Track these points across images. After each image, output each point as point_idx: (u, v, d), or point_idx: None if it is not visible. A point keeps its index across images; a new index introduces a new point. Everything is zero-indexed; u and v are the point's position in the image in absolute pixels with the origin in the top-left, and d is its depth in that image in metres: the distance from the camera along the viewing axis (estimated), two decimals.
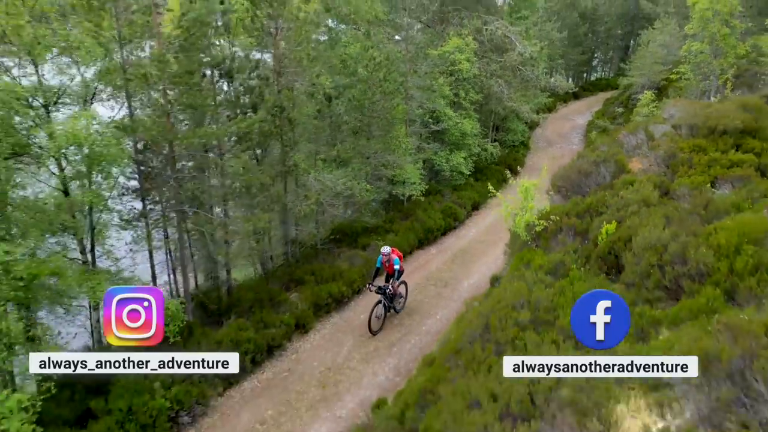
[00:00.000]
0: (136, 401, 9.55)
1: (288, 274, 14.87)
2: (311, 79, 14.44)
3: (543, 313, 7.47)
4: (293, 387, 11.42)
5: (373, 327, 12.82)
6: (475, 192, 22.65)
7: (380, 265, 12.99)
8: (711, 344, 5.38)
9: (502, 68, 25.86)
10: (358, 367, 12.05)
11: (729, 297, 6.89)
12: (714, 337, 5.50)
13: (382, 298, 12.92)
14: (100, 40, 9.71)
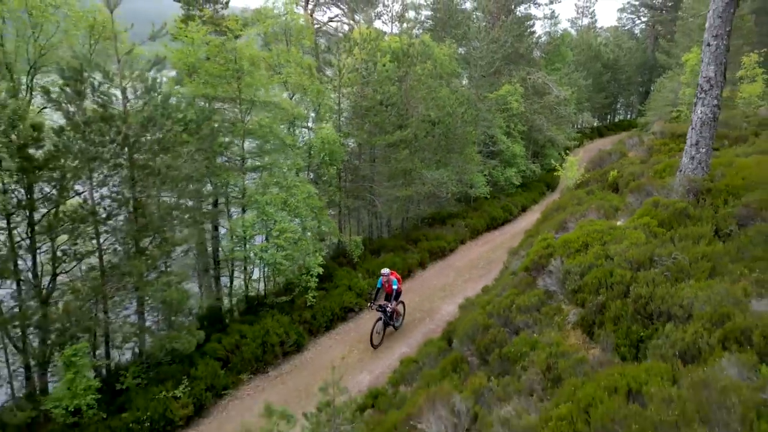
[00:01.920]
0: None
1: (406, 235, 22.56)
2: (423, 111, 22.46)
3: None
4: (423, 293, 18.80)
5: (374, 341, 14.22)
6: (523, 198, 30.27)
7: (381, 285, 14.29)
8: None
9: (542, 107, 33.77)
10: (462, 285, 19.44)
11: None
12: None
13: (382, 316, 14.30)
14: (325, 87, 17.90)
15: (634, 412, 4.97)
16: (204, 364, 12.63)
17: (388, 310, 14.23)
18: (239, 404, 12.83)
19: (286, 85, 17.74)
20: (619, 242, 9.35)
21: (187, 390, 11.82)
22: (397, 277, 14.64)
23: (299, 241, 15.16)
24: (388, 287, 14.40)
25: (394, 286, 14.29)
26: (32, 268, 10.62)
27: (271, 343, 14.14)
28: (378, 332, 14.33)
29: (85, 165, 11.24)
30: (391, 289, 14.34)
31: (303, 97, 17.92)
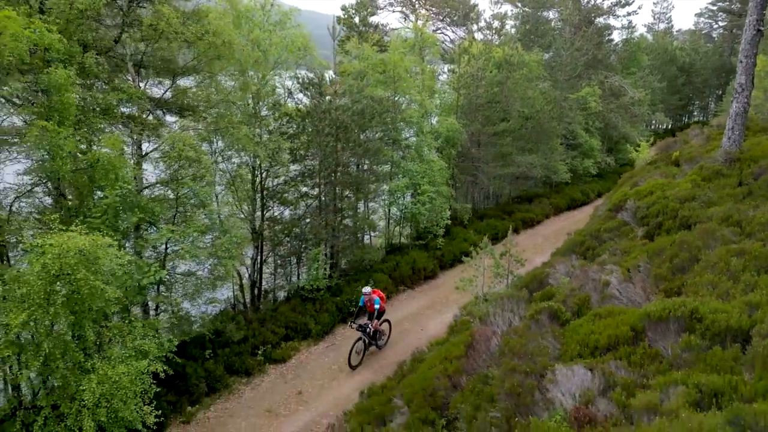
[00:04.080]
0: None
1: (501, 208, 28.13)
2: (519, 107, 27.92)
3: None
4: (519, 250, 24.26)
5: (353, 362, 14.04)
6: (599, 186, 35.02)
7: (363, 304, 14.29)
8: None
9: (617, 107, 38.23)
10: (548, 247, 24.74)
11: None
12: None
13: (362, 336, 14.25)
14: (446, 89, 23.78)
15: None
16: (380, 275, 18.83)
17: (368, 330, 14.12)
18: (398, 303, 18.96)
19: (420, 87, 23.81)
20: (673, 189, 14.59)
21: (373, 287, 18.01)
22: (380, 295, 14.43)
23: (434, 200, 21.13)
24: (369, 306, 14.24)
25: (375, 305, 14.06)
26: (296, 202, 17.29)
27: (417, 268, 20.20)
28: (357, 352, 14.23)
29: (314, 138, 17.70)
30: (373, 308, 14.17)
31: (430, 96, 23.91)
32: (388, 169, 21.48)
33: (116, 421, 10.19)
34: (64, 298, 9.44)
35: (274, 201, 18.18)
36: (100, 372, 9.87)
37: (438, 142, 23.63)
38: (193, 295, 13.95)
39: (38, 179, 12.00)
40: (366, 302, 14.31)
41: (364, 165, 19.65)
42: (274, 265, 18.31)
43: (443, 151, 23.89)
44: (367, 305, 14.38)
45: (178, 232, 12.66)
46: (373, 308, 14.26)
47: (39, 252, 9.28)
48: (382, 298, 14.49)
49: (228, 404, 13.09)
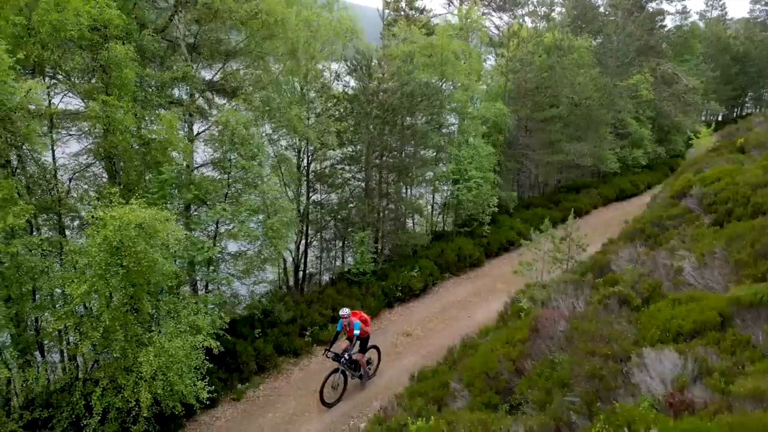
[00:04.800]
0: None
1: (548, 197, 27.37)
2: (568, 93, 27.02)
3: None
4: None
5: (327, 398, 11.57)
6: (649, 177, 33.75)
7: (340, 329, 11.92)
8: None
9: (669, 95, 36.65)
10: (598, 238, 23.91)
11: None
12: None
13: (339, 366, 11.75)
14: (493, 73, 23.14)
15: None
16: (425, 261, 18.53)
17: (343, 360, 11.62)
18: (444, 290, 18.64)
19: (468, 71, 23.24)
20: (743, 175, 13.75)
21: (419, 273, 17.75)
22: (362, 318, 11.99)
23: (480, 186, 20.64)
24: (349, 331, 11.86)
25: (355, 330, 11.60)
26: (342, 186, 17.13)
27: (462, 255, 19.80)
28: (334, 387, 11.78)
29: (361, 121, 17.45)
30: (353, 333, 11.71)
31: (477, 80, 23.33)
32: (434, 155, 21.09)
33: (171, 395, 10.26)
34: (124, 271, 9.51)
35: (320, 185, 18.08)
36: (156, 345, 9.93)
37: (485, 128, 23.07)
38: (242, 275, 13.97)
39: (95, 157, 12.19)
40: (344, 326, 11.88)
41: (410, 149, 19.32)
42: (319, 249, 18.24)
43: (490, 137, 23.30)
44: (346, 329, 11.93)
45: (230, 211, 12.65)
46: (353, 333, 11.69)
47: (100, 224, 9.36)
48: (365, 322, 12.02)
49: (277, 383, 13.07)
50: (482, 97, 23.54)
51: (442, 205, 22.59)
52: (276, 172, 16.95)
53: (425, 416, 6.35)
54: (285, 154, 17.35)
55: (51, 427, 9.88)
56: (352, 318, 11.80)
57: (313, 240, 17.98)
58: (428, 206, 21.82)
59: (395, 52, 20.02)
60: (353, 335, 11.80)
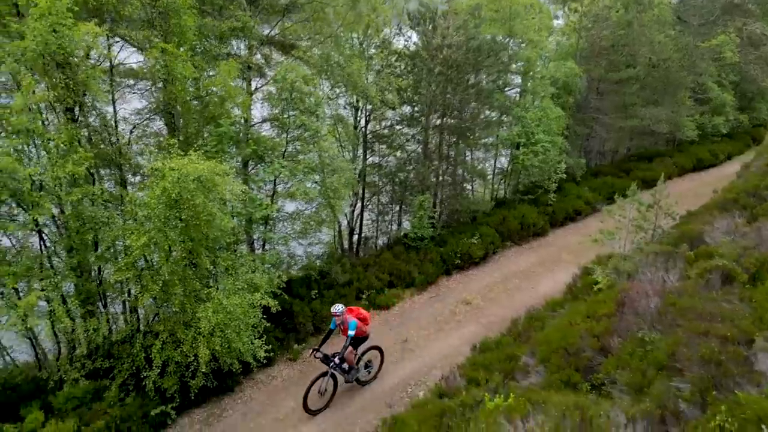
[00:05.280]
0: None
1: (617, 165, 25.63)
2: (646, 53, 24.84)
3: None
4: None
5: (311, 405, 10.13)
6: (729, 146, 31.10)
7: (334, 327, 10.36)
8: None
9: (757, 58, 33.30)
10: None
11: None
12: None
13: (329, 370, 10.23)
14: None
15: None
16: (486, 228, 17.65)
17: (333, 363, 10.16)
18: (505, 259, 17.74)
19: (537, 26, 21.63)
20: None
21: (479, 241, 16.93)
22: (361, 315, 10.47)
23: (548, 151, 19.35)
24: (344, 330, 10.19)
25: (350, 330, 9.94)
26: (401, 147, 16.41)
27: (526, 224, 18.76)
28: (321, 392, 10.27)
29: (424, 78, 16.48)
30: (347, 333, 10.05)
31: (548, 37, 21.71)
32: (498, 116, 19.89)
33: (229, 352, 10.09)
34: (183, 224, 9.23)
35: (378, 146, 17.39)
36: (215, 301, 9.71)
37: (554, 89, 21.55)
38: (299, 235, 13.64)
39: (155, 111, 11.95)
40: (338, 325, 10.26)
41: (473, 110, 18.22)
42: (375, 212, 17.69)
43: (559, 98, 21.76)
44: (340, 328, 10.30)
45: (288, 167, 12.19)
46: (347, 333, 10.02)
47: (159, 176, 9.07)
48: (363, 320, 10.42)
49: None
50: (552, 56, 21.94)
51: (504, 171, 21.46)
52: (333, 133, 16.38)
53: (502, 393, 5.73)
54: (342, 114, 16.75)
55: (112, 377, 9.93)
56: (347, 315, 10.13)
57: (368, 203, 17.43)
58: (489, 171, 20.75)
59: (461, 6, 18.74)
60: (348, 335, 10.02)
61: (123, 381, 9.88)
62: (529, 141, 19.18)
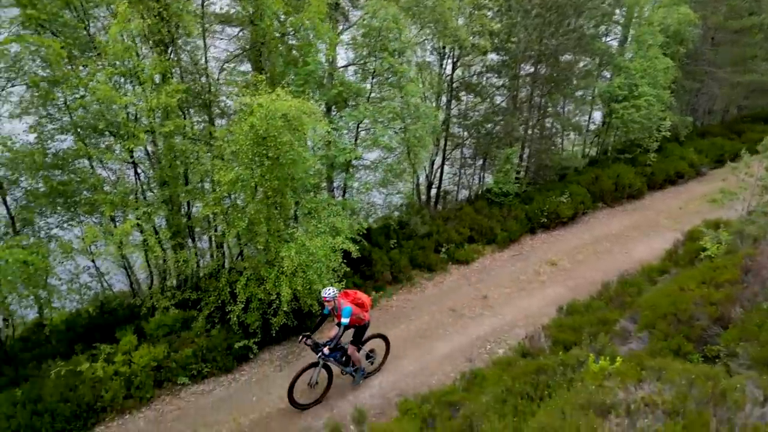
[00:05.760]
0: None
1: (728, 126, 23.15)
2: None
3: None
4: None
5: (299, 397, 8.90)
6: None
7: (328, 312, 8.98)
8: None
9: None
10: None
11: None
12: None
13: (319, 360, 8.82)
14: None
15: None
16: (576, 186, 16.52)
17: (321, 353, 8.68)
18: (596, 221, 16.59)
19: None
20: None
21: (568, 200, 15.88)
22: (358, 300, 8.99)
23: (652, 106, 17.60)
24: (338, 316, 8.81)
25: (343, 317, 8.53)
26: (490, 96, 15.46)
27: (621, 185, 17.39)
28: (311, 385, 8.98)
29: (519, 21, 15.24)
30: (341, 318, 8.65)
31: None
32: (597, 66, 18.29)
33: (309, 293, 10.09)
34: (269, 162, 9.13)
35: (465, 95, 16.52)
36: (298, 242, 9.66)
37: (663, 37, 19.44)
38: (379, 184, 13.33)
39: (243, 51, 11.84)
40: (331, 311, 8.85)
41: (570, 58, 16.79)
42: (458, 165, 17.00)
43: (668, 48, 19.64)
44: (334, 314, 8.89)
45: (372, 111, 11.77)
46: (341, 320, 8.60)
47: (248, 111, 8.95)
48: (361, 305, 8.95)
49: (410, 296, 12.57)
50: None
51: (599, 127, 19.89)
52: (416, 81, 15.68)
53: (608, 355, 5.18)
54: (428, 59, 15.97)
55: (200, 309, 10.26)
56: (340, 300, 8.70)
57: (449, 156, 16.73)
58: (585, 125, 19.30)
59: None
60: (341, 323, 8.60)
61: (209, 313, 10.18)
62: (630, 94, 17.52)
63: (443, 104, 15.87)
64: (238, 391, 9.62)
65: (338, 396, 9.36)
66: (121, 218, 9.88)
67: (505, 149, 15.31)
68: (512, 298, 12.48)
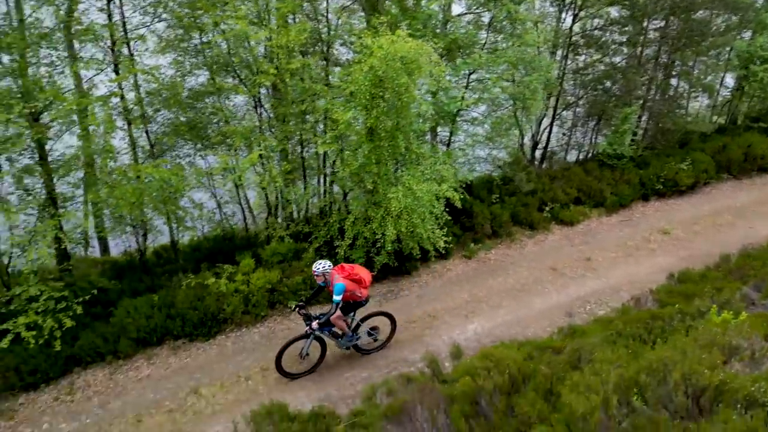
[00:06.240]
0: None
1: None
2: None
3: None
4: None
5: (287, 366, 8.50)
6: None
7: (324, 285, 8.25)
8: None
9: None
10: None
11: None
12: None
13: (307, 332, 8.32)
14: None
15: None
16: (700, 154, 15.29)
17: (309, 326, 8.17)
18: (718, 192, 15.37)
19: None
20: None
21: (689, 167, 14.78)
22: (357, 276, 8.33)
23: None
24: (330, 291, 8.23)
25: (335, 295, 7.94)
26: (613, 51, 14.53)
27: (751, 155, 15.84)
28: (302, 356, 8.52)
29: None
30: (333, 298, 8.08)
31: None
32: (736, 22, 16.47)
33: (412, 236, 10.40)
34: (385, 104, 9.38)
35: (583, 50, 15.64)
36: (405, 185, 9.93)
37: None
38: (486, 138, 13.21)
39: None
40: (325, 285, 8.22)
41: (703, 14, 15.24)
42: (570, 124, 16.33)
43: None
44: (328, 289, 8.28)
45: (489, 60, 11.58)
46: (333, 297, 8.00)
47: (367, 53, 9.19)
48: (358, 281, 8.28)
49: (509, 251, 12.53)
50: None
51: (733, 91, 18.06)
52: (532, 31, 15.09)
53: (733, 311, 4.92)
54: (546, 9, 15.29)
55: (310, 242, 10.95)
56: (334, 276, 8.02)
57: (558, 115, 16.05)
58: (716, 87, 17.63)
59: None
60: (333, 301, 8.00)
61: (318, 246, 10.84)
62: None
63: (558, 59, 15.19)
64: None
65: (434, 335, 9.71)
66: (244, 153, 10.67)
67: (624, 109, 14.44)
68: (618, 263, 12.04)
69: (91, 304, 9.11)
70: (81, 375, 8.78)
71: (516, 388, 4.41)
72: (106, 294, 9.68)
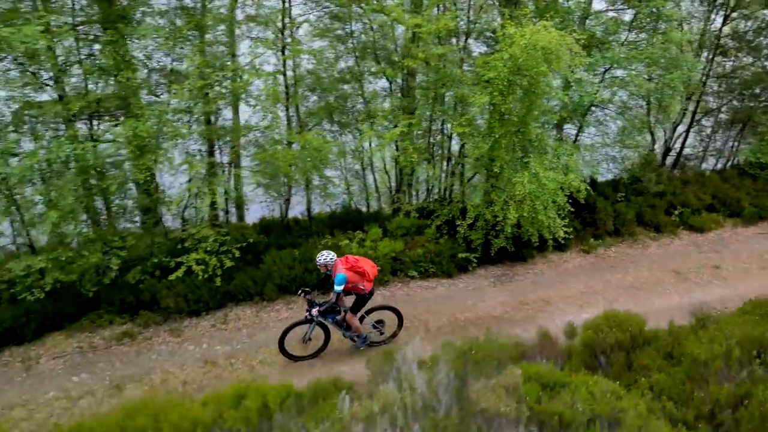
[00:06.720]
0: None
1: None
2: None
3: None
4: None
5: (290, 348, 8.66)
6: None
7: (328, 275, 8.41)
8: None
9: None
10: None
11: None
12: None
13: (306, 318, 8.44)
14: None
15: None
16: None
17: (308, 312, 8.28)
18: None
19: None
20: None
21: None
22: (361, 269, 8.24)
23: None
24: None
25: (336, 286, 7.99)
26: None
27: None
28: (305, 340, 8.73)
29: None
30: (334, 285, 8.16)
31: None
32: None
33: (532, 223, 10.73)
34: (521, 91, 9.82)
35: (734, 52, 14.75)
36: (532, 171, 10.28)
37: None
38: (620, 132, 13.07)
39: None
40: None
41: None
42: (710, 130, 15.50)
43: None
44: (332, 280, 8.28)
45: (629, 56, 11.52)
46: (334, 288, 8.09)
47: (509, 42, 9.68)
48: (363, 274, 8.22)
49: (630, 251, 12.38)
50: None
51: None
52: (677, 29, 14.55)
53: None
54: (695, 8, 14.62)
55: (432, 219, 11.67)
56: (337, 267, 8.07)
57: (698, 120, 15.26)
58: None
59: None
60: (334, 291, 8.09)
61: (440, 224, 11.54)
62: None
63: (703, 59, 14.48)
64: (456, 294, 10.89)
65: (547, 319, 10.00)
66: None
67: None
68: (750, 274, 11.45)
69: (245, 251, 10.57)
70: (233, 309, 10.24)
71: (636, 345, 4.73)
72: (256, 246, 11.14)
